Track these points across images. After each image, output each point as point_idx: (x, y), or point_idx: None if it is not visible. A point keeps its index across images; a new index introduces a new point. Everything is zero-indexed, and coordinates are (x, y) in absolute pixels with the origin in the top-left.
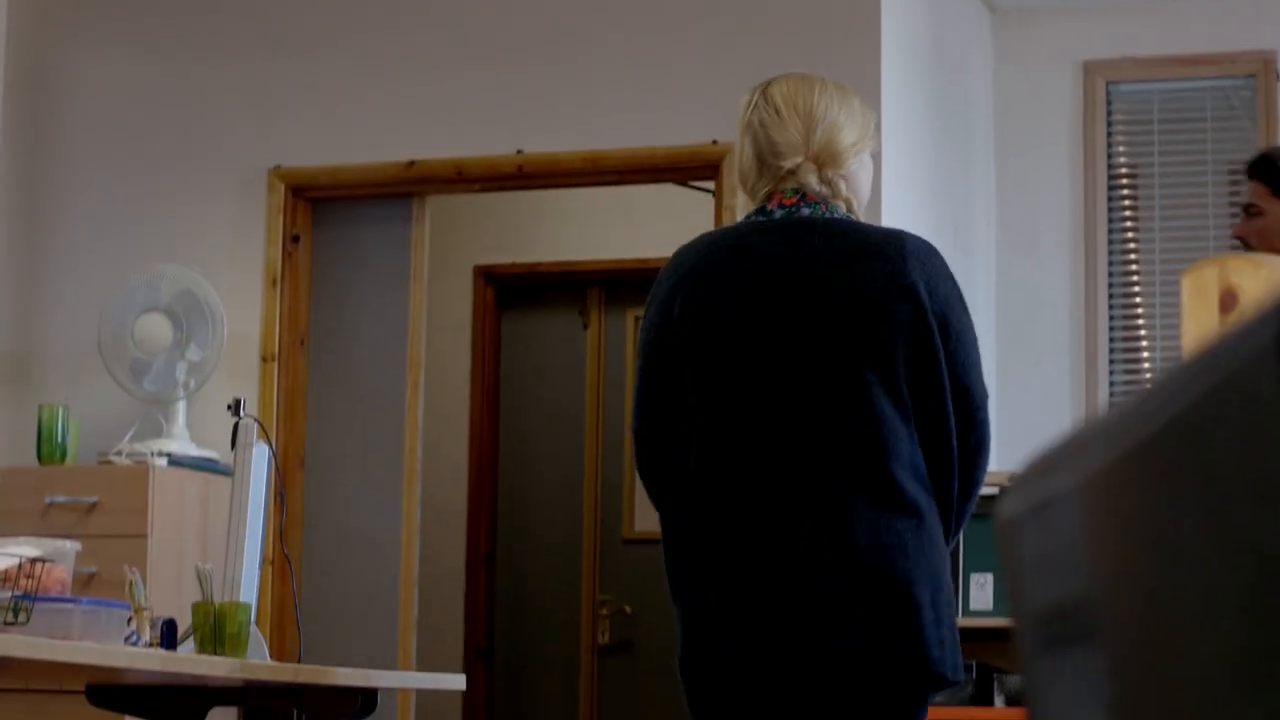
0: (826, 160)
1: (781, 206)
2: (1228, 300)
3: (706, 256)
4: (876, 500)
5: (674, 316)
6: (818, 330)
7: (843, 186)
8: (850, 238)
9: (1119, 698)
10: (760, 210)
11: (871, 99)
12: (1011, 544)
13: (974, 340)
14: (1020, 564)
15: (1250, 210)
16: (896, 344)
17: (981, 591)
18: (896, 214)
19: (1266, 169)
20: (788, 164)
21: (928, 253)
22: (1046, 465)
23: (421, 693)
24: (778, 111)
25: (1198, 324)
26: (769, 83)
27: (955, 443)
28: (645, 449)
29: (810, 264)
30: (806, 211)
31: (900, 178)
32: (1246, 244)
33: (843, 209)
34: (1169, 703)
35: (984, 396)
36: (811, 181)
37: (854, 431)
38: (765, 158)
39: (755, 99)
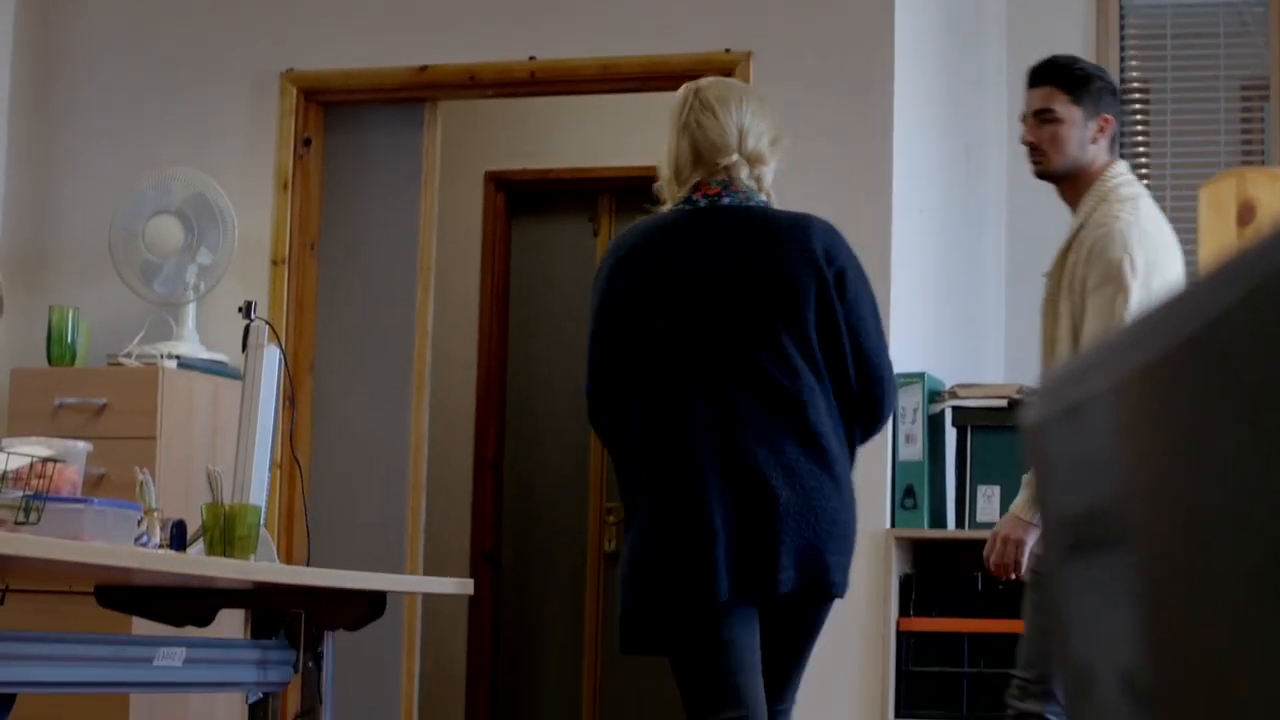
0: (755, 159)
1: (706, 196)
2: (1245, 213)
3: (646, 239)
4: (800, 447)
5: (621, 288)
6: (747, 301)
7: (765, 180)
8: (765, 222)
9: (1147, 603)
10: (688, 200)
11: (884, 17)
12: (1040, 448)
13: (871, 305)
14: (1048, 468)
15: (1045, 116)
16: (809, 311)
17: (988, 503)
18: (909, 134)
19: (1064, 75)
20: (724, 160)
21: (828, 231)
22: (1078, 369)
23: (428, 597)
24: (714, 113)
25: (1215, 237)
26: (698, 87)
27: (854, 391)
28: (602, 402)
29: (736, 246)
30: (727, 200)
31: (913, 97)
32: (1037, 149)
33: (763, 198)
34: (1199, 608)
35: (880, 354)
36: (743, 175)
37: (780, 385)
38: (703, 154)
39: (690, 100)
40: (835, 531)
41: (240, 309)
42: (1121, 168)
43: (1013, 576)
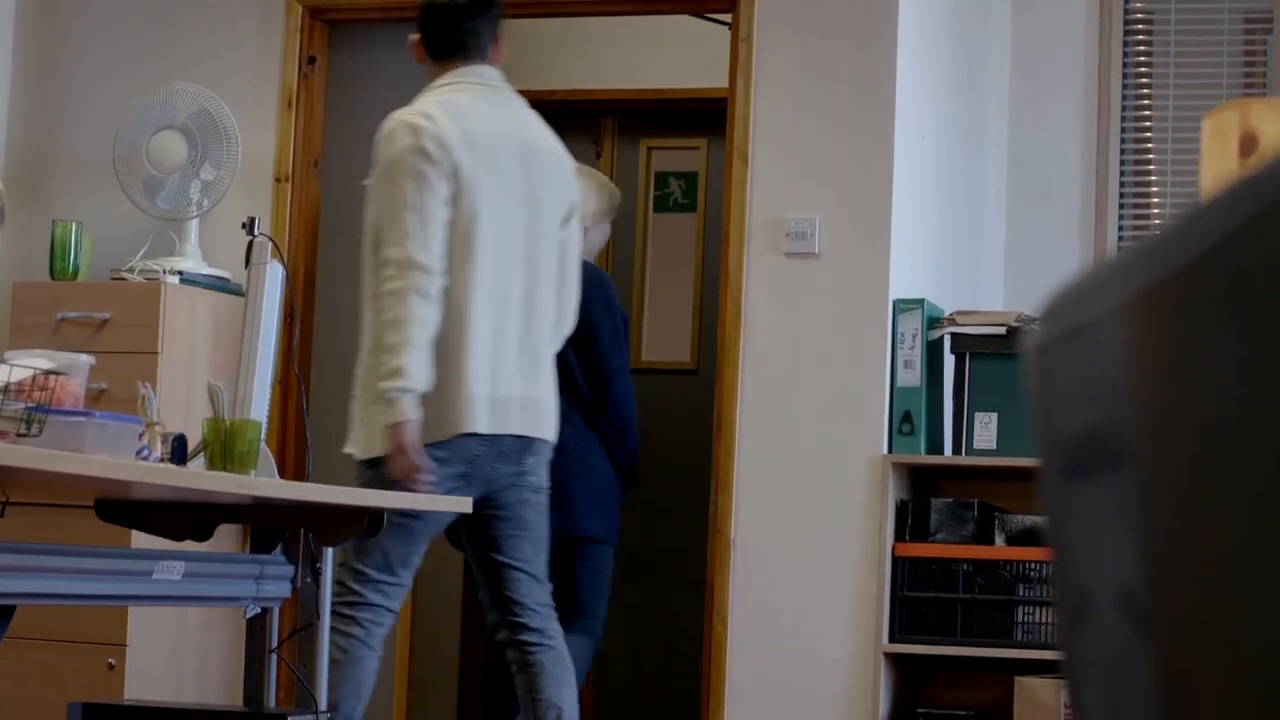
0: None
1: None
2: (1247, 144)
3: None
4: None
5: None
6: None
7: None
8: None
9: (1149, 523)
10: None
11: None
12: (1042, 370)
13: None
14: (1050, 390)
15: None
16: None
17: (986, 430)
18: (912, 60)
19: (419, 22)
20: None
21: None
22: (1084, 289)
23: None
24: None
25: (1217, 167)
26: None
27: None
28: None
29: None
30: None
31: (916, 22)
32: None
33: None
34: (1201, 528)
35: None
36: None
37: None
38: None
39: None
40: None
41: (243, 225)
42: (451, 75)
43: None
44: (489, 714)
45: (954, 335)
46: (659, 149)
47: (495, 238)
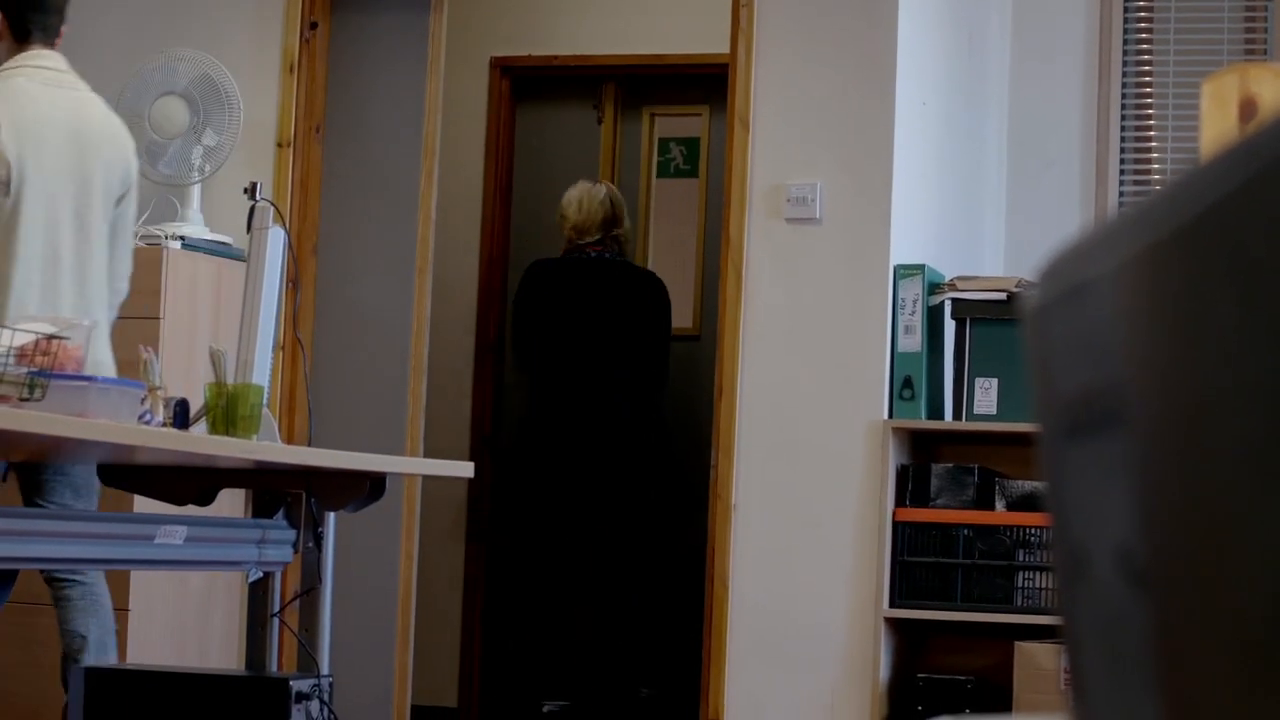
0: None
1: (594, 252)
2: (1246, 109)
3: (558, 271)
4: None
5: (541, 300)
6: (615, 317)
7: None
8: (626, 273)
9: (1145, 483)
10: (581, 250)
11: None
12: (1040, 331)
13: None
14: (1048, 351)
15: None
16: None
17: (986, 395)
18: (912, 24)
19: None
20: (591, 237)
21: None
22: (1082, 250)
23: (428, 479)
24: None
25: (1216, 131)
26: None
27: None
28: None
29: (608, 282)
30: (608, 255)
31: None
32: None
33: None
34: (1195, 488)
35: None
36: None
37: (634, 375)
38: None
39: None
40: None
41: (245, 190)
42: (19, 58)
43: None
44: (489, 681)
45: (955, 301)
46: (661, 115)
47: (43, 213)
